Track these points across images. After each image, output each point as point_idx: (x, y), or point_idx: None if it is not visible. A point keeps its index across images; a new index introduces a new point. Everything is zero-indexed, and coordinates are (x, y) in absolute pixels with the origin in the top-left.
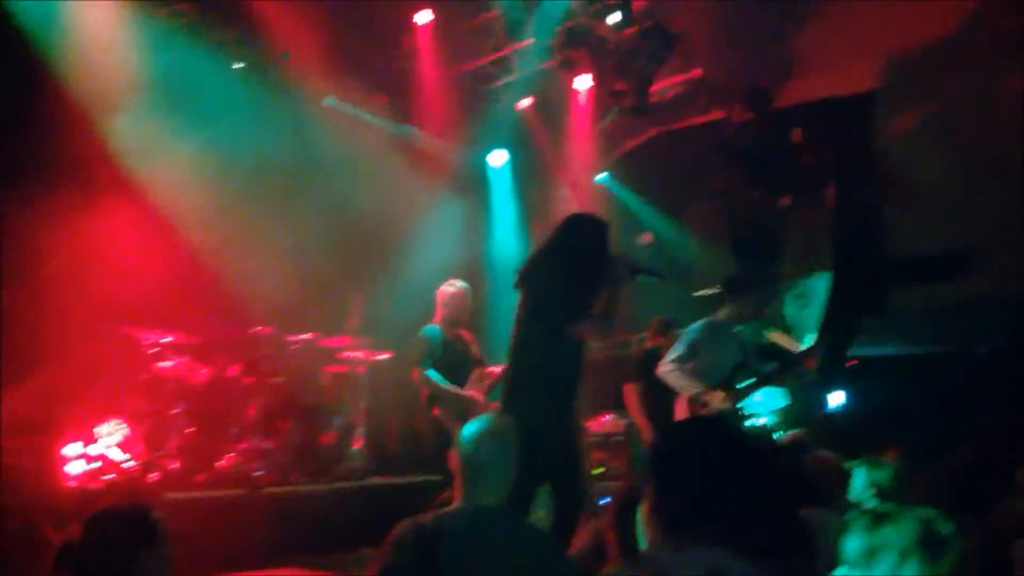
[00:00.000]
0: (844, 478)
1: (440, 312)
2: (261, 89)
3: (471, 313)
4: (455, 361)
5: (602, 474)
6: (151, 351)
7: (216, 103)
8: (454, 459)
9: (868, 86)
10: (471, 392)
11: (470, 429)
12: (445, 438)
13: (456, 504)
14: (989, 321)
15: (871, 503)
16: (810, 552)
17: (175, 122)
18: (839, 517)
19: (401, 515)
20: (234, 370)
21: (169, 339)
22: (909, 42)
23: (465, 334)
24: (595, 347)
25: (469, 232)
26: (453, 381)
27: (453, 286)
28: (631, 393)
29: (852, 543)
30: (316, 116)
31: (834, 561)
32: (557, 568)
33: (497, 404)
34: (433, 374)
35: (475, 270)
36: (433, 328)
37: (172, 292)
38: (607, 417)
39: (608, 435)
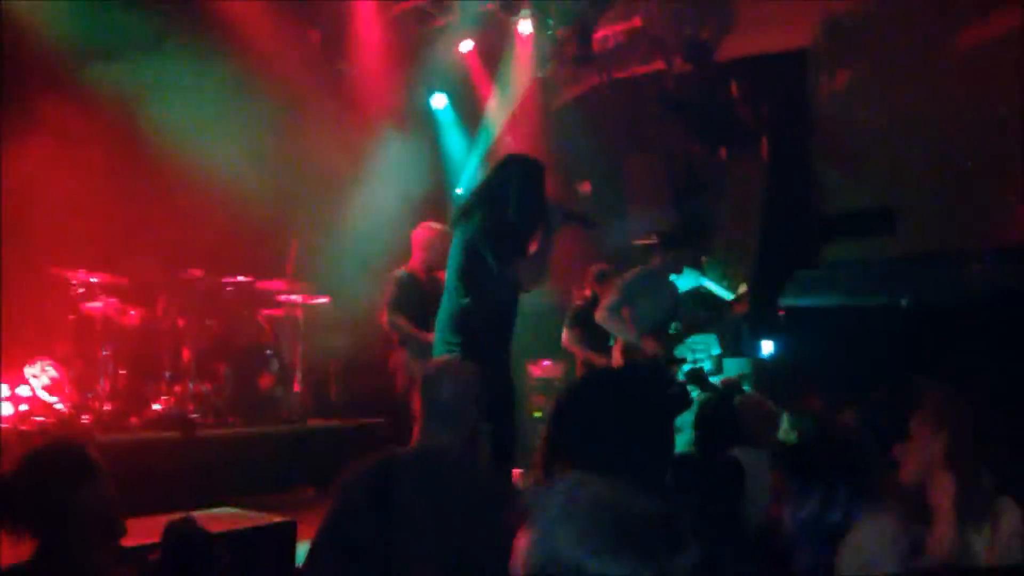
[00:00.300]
0: (774, 420)
1: (417, 255)
2: (191, 22)
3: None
4: (430, 305)
5: (542, 418)
6: (79, 291)
7: (145, 37)
8: (416, 400)
9: (802, 43)
10: None
11: (432, 369)
12: (413, 382)
13: (414, 444)
14: (913, 276)
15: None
16: (735, 488)
17: (103, 57)
18: (768, 456)
19: (339, 457)
20: (167, 312)
21: (97, 279)
22: (843, 2)
23: (443, 277)
24: (533, 293)
25: (415, 173)
26: (428, 326)
27: (431, 228)
28: (570, 339)
29: None
30: (248, 51)
31: (763, 496)
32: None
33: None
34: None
35: (433, 210)
36: (403, 272)
37: (102, 232)
38: (547, 362)
39: (548, 380)
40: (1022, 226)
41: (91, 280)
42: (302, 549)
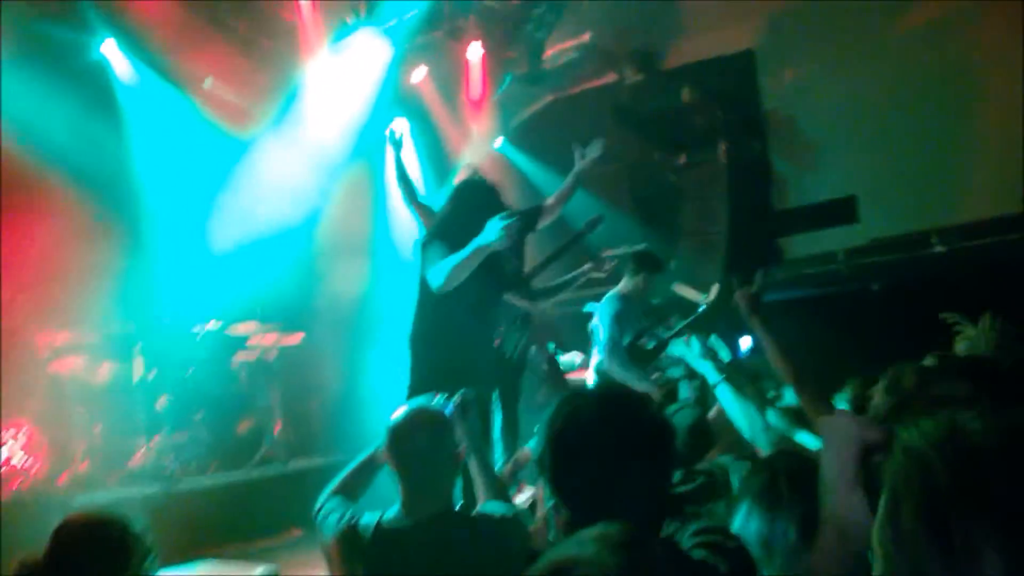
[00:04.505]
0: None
1: None
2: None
3: None
4: None
5: None
6: (47, 353)
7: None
8: (387, 454)
9: (748, 44)
10: None
11: (399, 419)
12: None
13: (397, 508)
14: (875, 263)
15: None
16: (721, 497)
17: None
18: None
19: None
20: (137, 365)
21: (63, 339)
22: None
23: None
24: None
25: (365, 205)
26: None
27: None
28: None
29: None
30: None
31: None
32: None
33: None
34: None
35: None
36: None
37: (63, 289)
38: None
39: None
40: (978, 203)
41: (56, 342)
42: None
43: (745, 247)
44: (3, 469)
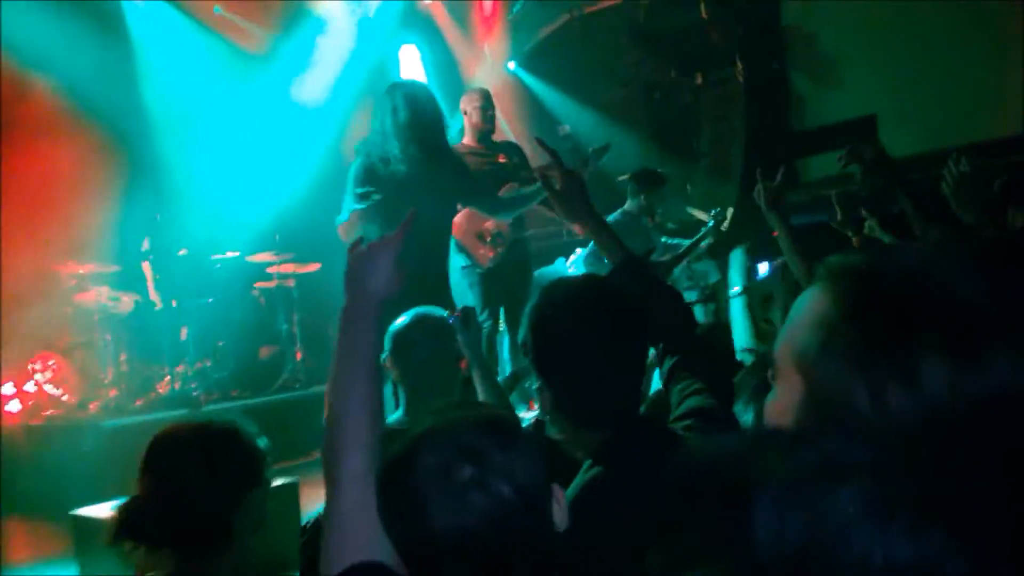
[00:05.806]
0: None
1: None
2: None
3: None
4: None
5: None
6: (72, 283)
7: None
8: (389, 361)
9: None
10: None
11: (400, 325)
12: None
13: (396, 416)
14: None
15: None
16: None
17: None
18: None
19: None
20: (157, 294)
21: (86, 270)
22: None
23: None
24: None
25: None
26: None
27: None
28: None
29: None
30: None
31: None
32: None
33: None
34: None
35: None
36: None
37: (85, 224)
38: None
39: None
40: (1005, 122)
41: (80, 271)
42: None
43: (762, 169)
44: (36, 401)
